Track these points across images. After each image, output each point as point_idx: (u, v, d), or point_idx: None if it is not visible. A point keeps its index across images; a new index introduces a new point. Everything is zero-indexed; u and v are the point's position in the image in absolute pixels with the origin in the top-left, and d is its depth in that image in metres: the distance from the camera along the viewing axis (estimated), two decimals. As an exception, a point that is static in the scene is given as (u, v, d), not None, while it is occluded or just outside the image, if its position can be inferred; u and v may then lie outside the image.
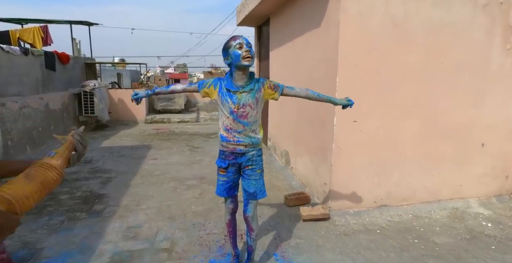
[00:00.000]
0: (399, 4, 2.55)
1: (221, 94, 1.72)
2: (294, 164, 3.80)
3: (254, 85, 1.70)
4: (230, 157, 1.78)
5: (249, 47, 1.62)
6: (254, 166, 1.79)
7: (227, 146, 1.76)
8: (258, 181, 1.80)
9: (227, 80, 1.72)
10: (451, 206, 3.07)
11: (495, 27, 2.84)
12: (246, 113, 1.70)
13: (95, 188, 3.42)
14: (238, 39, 1.64)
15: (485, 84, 2.95)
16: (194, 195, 3.24)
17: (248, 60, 1.61)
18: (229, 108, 1.70)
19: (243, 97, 1.68)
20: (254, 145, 1.77)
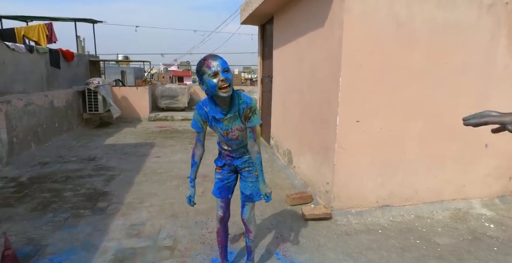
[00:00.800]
0: (403, 4, 2.54)
1: (209, 121, 1.66)
2: (296, 163, 3.80)
3: (237, 108, 1.58)
4: (227, 158, 1.79)
5: (226, 74, 1.45)
6: (251, 168, 1.79)
7: (225, 157, 1.81)
8: (255, 184, 1.80)
9: (209, 106, 1.61)
10: (454, 207, 3.07)
11: (500, 27, 2.83)
12: (236, 136, 1.68)
13: (99, 185, 3.45)
14: (213, 66, 1.45)
15: (490, 85, 2.94)
16: (197, 193, 3.23)
17: (225, 92, 1.46)
18: (219, 132, 1.68)
19: (230, 123, 1.62)
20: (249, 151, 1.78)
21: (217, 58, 1.48)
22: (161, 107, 9.06)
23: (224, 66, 1.47)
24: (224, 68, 1.46)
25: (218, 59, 1.47)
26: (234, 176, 1.85)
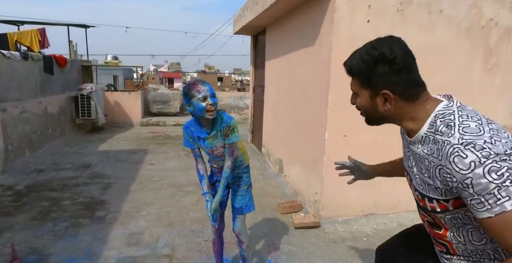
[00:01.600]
0: (388, 28, 2.75)
1: (196, 141, 1.81)
2: (287, 172, 3.98)
3: (219, 127, 1.73)
4: (218, 174, 1.93)
5: (213, 99, 1.61)
6: (240, 182, 1.93)
7: (216, 174, 1.95)
8: (244, 197, 1.93)
9: (195, 127, 1.77)
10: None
11: (476, 49, 3.06)
12: (221, 153, 1.80)
13: (96, 194, 3.55)
14: (202, 91, 1.58)
15: (467, 104, 3.17)
16: (192, 202, 3.40)
17: (211, 114, 1.62)
18: (205, 151, 1.83)
19: (213, 141, 1.76)
20: (238, 166, 1.91)
21: (205, 83, 1.64)
22: (153, 112, 9.14)
23: (212, 91, 1.65)
24: (212, 93, 1.63)
25: (206, 84, 1.64)
26: (226, 191, 1.99)
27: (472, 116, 0.88)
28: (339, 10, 2.59)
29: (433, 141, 0.89)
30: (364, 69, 0.96)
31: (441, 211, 0.94)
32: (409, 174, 1.07)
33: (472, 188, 0.77)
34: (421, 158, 0.95)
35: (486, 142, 0.79)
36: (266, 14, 3.81)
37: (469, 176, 0.77)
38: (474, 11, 2.96)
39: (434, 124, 0.91)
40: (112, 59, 45.66)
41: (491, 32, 3.07)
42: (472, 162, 0.77)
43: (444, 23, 2.90)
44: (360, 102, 1.02)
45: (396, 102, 0.96)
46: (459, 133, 0.82)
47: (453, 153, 0.80)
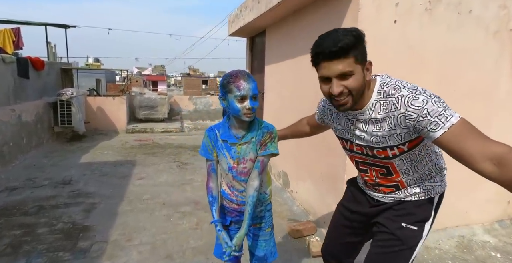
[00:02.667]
0: (416, 29, 2.44)
1: (218, 146, 1.41)
2: (294, 188, 3.62)
3: (256, 133, 1.36)
4: (233, 213, 1.50)
5: (253, 102, 1.28)
6: (263, 223, 1.52)
7: (230, 203, 1.49)
8: (268, 242, 1.53)
9: (223, 128, 1.40)
10: (458, 234, 3.00)
11: (504, 54, 2.81)
12: (248, 170, 1.38)
13: (78, 217, 3.08)
14: (243, 88, 1.25)
15: (493, 111, 2.91)
16: (191, 226, 2.98)
17: (249, 116, 1.29)
18: (227, 163, 1.40)
19: (243, 150, 1.36)
20: (262, 202, 1.49)
21: (251, 80, 1.28)
22: (139, 118, 8.62)
23: (255, 91, 1.28)
24: (254, 94, 1.28)
25: (251, 81, 1.28)
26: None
27: (402, 80, 1.19)
28: (364, 7, 2.26)
29: (385, 103, 1.15)
30: (358, 44, 1.08)
31: (399, 154, 1.22)
32: (354, 140, 1.31)
33: (429, 114, 1.05)
34: (377, 120, 1.18)
35: (423, 89, 1.12)
36: (270, 14, 3.46)
37: (425, 107, 1.06)
38: (503, 12, 2.71)
39: (381, 91, 1.17)
40: (93, 61, 44.32)
41: (519, 35, 2.82)
42: (423, 99, 1.07)
43: (473, 25, 2.63)
44: (355, 80, 1.10)
45: (371, 72, 1.18)
46: (405, 89, 1.12)
47: (409, 99, 1.09)
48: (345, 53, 1.05)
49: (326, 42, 1.07)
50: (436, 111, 1.04)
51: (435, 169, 1.35)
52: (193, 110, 9.75)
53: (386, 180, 1.35)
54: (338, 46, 1.04)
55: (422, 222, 1.32)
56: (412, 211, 1.32)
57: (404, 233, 1.30)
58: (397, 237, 1.31)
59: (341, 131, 1.37)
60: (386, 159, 1.27)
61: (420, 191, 1.33)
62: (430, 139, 1.09)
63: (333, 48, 1.05)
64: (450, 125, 1.04)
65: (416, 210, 1.33)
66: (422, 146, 1.25)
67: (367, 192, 1.47)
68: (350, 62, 1.07)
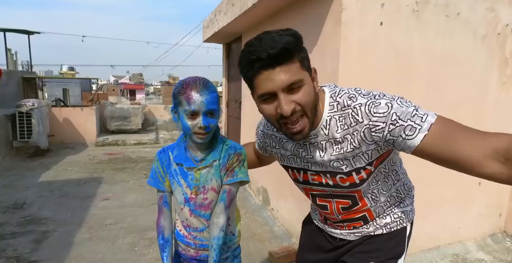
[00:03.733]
0: (402, 34, 2.23)
1: (170, 173, 1.11)
2: (275, 206, 3.31)
3: (219, 154, 1.08)
4: (190, 250, 1.16)
5: (208, 120, 0.99)
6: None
7: (185, 249, 1.16)
8: None
9: (178, 149, 1.10)
10: (451, 253, 2.78)
11: (493, 59, 2.65)
12: (209, 202, 1.09)
13: (25, 251, 2.63)
14: (194, 101, 0.96)
15: (482, 118, 2.74)
16: (157, 256, 2.60)
17: (200, 138, 1.01)
18: (182, 194, 1.09)
19: (202, 176, 1.07)
20: (229, 246, 1.17)
21: (205, 91, 0.98)
22: (111, 129, 8.11)
23: (210, 106, 0.98)
24: (209, 109, 0.98)
25: (208, 93, 0.98)
26: None
27: (354, 87, 0.97)
28: (347, 8, 2.02)
29: (341, 117, 0.92)
30: (300, 46, 0.85)
31: (366, 178, 0.99)
32: (310, 167, 1.04)
33: (400, 119, 0.83)
34: (336, 140, 0.94)
35: (381, 92, 0.91)
36: (245, 17, 3.19)
37: (392, 112, 0.84)
38: (491, 15, 2.56)
39: (334, 103, 0.93)
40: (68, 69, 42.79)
41: (506, 39, 2.69)
42: (386, 103, 0.86)
43: (462, 28, 2.45)
44: (306, 92, 0.85)
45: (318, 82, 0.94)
46: (361, 96, 0.90)
47: (369, 107, 0.87)
48: (289, 56, 0.81)
49: (260, 46, 0.80)
50: (407, 112, 0.83)
51: (403, 190, 1.12)
52: (169, 120, 9.33)
53: (351, 214, 1.09)
54: (278, 47, 0.78)
55: (394, 259, 1.09)
56: (383, 246, 1.09)
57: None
58: None
59: (290, 159, 1.08)
60: (352, 187, 1.01)
61: (391, 220, 1.10)
62: (408, 150, 0.85)
63: (273, 50, 0.78)
64: (428, 126, 0.81)
65: (388, 244, 1.09)
66: (388, 161, 1.02)
67: (328, 230, 1.19)
68: (297, 68, 0.83)
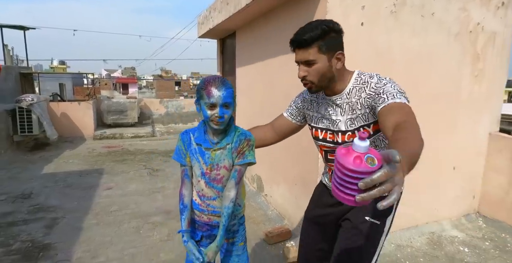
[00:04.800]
0: (383, 32, 2.46)
1: (191, 151, 1.35)
2: (268, 192, 3.57)
3: (232, 139, 1.32)
4: (204, 228, 1.41)
5: (223, 111, 1.23)
6: (236, 238, 1.45)
7: (200, 216, 1.40)
8: (242, 257, 1.46)
9: (199, 132, 1.35)
10: (428, 231, 3.07)
11: (465, 55, 2.90)
12: (221, 177, 1.33)
13: (38, 235, 2.85)
14: (213, 96, 1.21)
15: (456, 111, 3.01)
16: (162, 237, 2.85)
17: (216, 124, 1.25)
18: (199, 168, 1.34)
19: (217, 156, 1.31)
20: (235, 215, 1.42)
21: (223, 87, 1.23)
22: (108, 123, 8.27)
23: (226, 100, 1.23)
24: (225, 102, 1.23)
25: (224, 89, 1.23)
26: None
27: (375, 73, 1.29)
28: (332, 11, 2.24)
29: (361, 89, 1.26)
30: (323, 37, 1.20)
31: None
32: (329, 127, 1.38)
33: (382, 93, 1.17)
34: (352, 103, 1.28)
35: (392, 80, 1.24)
36: (239, 16, 3.39)
37: (383, 87, 1.19)
38: (463, 14, 2.80)
39: (359, 78, 1.29)
40: (58, 64, 42.26)
41: (478, 36, 2.94)
42: (385, 82, 1.22)
43: (436, 27, 2.70)
44: (317, 68, 1.24)
45: (343, 62, 1.27)
46: (377, 78, 1.26)
47: (375, 84, 1.23)
48: (308, 45, 1.20)
49: (298, 33, 1.23)
50: (389, 91, 1.15)
51: None
52: (165, 113, 9.50)
53: None
54: (302, 38, 1.21)
55: (384, 217, 1.36)
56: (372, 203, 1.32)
57: (367, 227, 1.33)
58: (360, 231, 1.33)
59: (319, 120, 1.43)
60: None
61: None
62: (376, 114, 1.18)
63: (299, 39, 1.22)
64: (391, 102, 1.12)
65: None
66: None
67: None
68: (313, 52, 1.21)
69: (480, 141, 3.24)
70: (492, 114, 3.25)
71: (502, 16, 3.03)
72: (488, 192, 3.32)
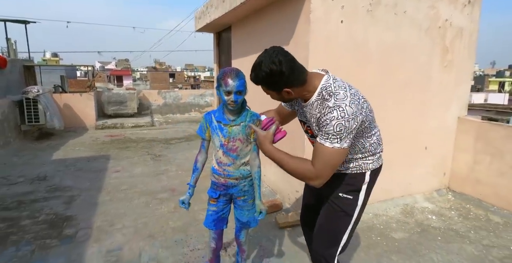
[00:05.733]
0: (360, 28, 2.83)
1: (212, 127, 1.74)
2: (263, 171, 3.96)
3: (245, 118, 1.70)
4: (221, 188, 1.81)
5: (237, 96, 1.59)
6: (246, 197, 1.84)
7: (218, 178, 1.80)
8: (251, 211, 1.86)
9: (219, 112, 1.73)
10: (402, 203, 3.50)
11: (435, 48, 3.29)
12: (236, 147, 1.72)
13: (59, 209, 3.24)
14: (229, 85, 1.56)
15: (427, 97, 3.41)
16: (169, 210, 3.25)
17: (232, 106, 1.62)
18: (219, 141, 1.72)
19: (233, 131, 1.69)
20: (245, 177, 1.80)
21: (237, 78, 1.58)
22: (108, 113, 8.58)
23: (239, 88, 1.58)
24: (238, 90, 1.58)
25: (237, 80, 1.58)
26: (229, 206, 1.90)
27: (341, 86, 1.41)
28: (315, 10, 2.60)
29: (320, 104, 1.42)
30: (264, 81, 1.41)
31: None
32: (306, 123, 1.63)
33: (325, 127, 1.35)
34: (314, 114, 1.47)
35: (346, 105, 1.34)
36: (234, 12, 3.73)
37: (327, 123, 1.34)
38: (432, 12, 3.17)
39: (321, 94, 1.42)
40: (51, 56, 41.93)
41: (446, 31, 3.32)
42: (333, 116, 1.33)
43: (408, 23, 3.07)
44: (272, 96, 1.52)
45: (295, 90, 1.43)
46: (334, 100, 1.37)
47: (328, 110, 1.37)
48: (257, 84, 1.46)
49: (252, 69, 1.43)
50: (327, 130, 1.34)
51: (367, 152, 1.59)
52: (163, 104, 9.81)
53: None
54: (251, 79, 1.45)
55: (356, 192, 1.58)
56: (347, 182, 1.58)
57: (341, 201, 1.58)
58: (336, 205, 1.59)
59: (301, 114, 1.65)
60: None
61: (353, 165, 1.59)
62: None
63: (251, 79, 1.46)
64: (319, 141, 1.38)
65: (350, 181, 1.59)
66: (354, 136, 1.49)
67: None
68: (263, 87, 1.48)
69: (449, 124, 3.66)
70: (460, 100, 3.66)
71: (468, 12, 3.42)
72: (457, 169, 3.76)
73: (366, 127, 1.49)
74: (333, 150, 1.35)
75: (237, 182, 1.78)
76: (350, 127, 1.34)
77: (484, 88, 39.65)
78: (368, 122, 1.48)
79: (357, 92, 1.45)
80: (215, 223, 1.86)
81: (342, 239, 1.64)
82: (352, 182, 1.59)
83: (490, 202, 3.40)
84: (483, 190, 3.46)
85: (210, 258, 1.97)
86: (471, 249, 2.64)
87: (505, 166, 3.24)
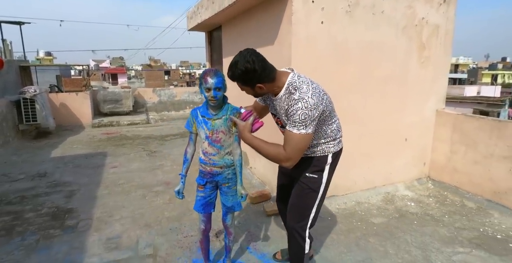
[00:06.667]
0: (340, 28, 3.02)
1: (198, 121, 1.94)
2: (253, 164, 4.18)
3: (226, 112, 1.90)
4: (208, 175, 2.01)
5: (216, 92, 1.77)
6: (230, 184, 2.03)
7: (205, 167, 2.00)
8: (235, 197, 2.06)
9: (203, 108, 1.92)
10: (384, 191, 3.73)
11: (412, 45, 3.49)
12: (220, 138, 1.92)
13: (61, 202, 3.43)
14: (208, 82, 1.76)
15: (406, 92, 3.62)
16: (164, 201, 3.45)
17: (212, 102, 1.82)
18: (204, 133, 1.92)
19: (216, 124, 1.89)
20: (229, 166, 2.00)
21: (215, 76, 1.77)
22: (104, 112, 8.73)
23: (218, 85, 1.77)
24: (217, 87, 1.77)
25: (215, 78, 1.77)
26: (215, 192, 2.10)
27: (304, 81, 1.65)
28: (296, 12, 2.79)
29: (288, 97, 1.64)
30: (240, 77, 1.63)
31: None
32: (276, 115, 1.85)
33: (292, 117, 1.58)
34: (283, 107, 1.69)
35: (309, 97, 1.57)
36: (223, 13, 3.90)
37: (293, 113, 1.57)
38: (409, 11, 3.37)
39: (288, 88, 1.65)
40: (45, 55, 41.69)
41: (423, 29, 3.52)
42: (298, 107, 1.56)
43: (386, 23, 3.26)
44: (247, 92, 1.73)
45: (266, 85, 1.66)
46: (298, 93, 1.59)
47: (293, 102, 1.59)
48: (233, 80, 1.68)
49: (228, 67, 1.64)
50: (294, 119, 1.56)
51: (329, 137, 1.86)
52: (158, 102, 9.97)
53: None
54: (229, 76, 1.66)
55: (320, 172, 1.86)
56: (312, 163, 1.85)
57: (308, 180, 1.85)
58: (304, 183, 1.85)
59: (272, 108, 1.86)
60: None
61: (317, 149, 1.84)
62: None
63: (227, 74, 1.67)
64: (288, 129, 1.61)
65: (315, 162, 1.85)
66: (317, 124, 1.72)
67: None
68: (238, 84, 1.68)
69: (428, 117, 3.88)
70: (438, 94, 3.88)
71: (444, 11, 3.62)
72: (436, 159, 3.99)
73: (327, 116, 1.74)
74: (300, 136, 1.58)
75: (221, 170, 1.98)
76: (313, 115, 1.57)
77: (477, 81, 40.03)
78: (329, 112, 1.72)
79: (318, 86, 1.69)
80: (204, 207, 2.06)
81: (311, 213, 1.90)
82: (317, 163, 1.85)
83: (465, 189, 3.63)
84: (460, 178, 3.70)
85: (200, 239, 2.18)
86: (443, 231, 2.87)
87: (479, 155, 3.47)
